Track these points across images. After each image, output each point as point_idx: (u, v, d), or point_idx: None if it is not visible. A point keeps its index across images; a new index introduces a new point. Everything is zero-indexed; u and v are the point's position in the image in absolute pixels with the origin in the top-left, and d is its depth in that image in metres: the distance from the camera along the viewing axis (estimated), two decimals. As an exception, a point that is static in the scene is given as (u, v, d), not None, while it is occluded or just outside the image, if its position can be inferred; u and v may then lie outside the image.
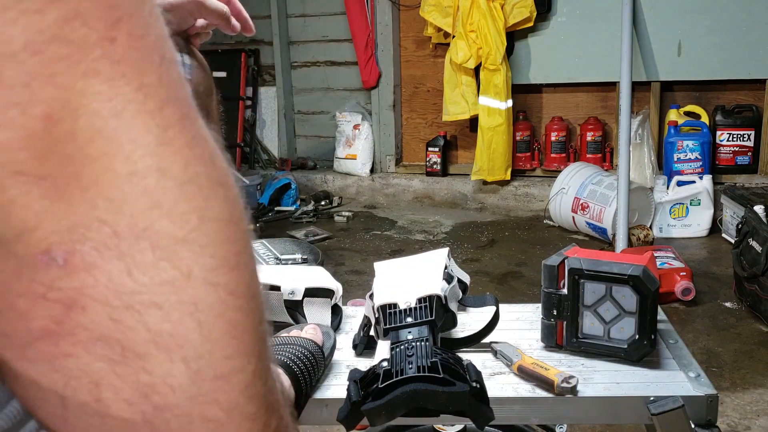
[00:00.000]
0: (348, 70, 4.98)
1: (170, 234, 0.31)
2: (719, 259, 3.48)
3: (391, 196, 4.82)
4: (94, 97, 0.30)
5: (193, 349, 0.32)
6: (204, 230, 0.32)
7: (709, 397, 1.01)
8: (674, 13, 4.03)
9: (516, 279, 3.38)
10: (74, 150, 0.29)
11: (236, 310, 0.33)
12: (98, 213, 0.30)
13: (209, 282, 0.32)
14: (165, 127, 0.31)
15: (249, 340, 0.34)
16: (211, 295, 0.32)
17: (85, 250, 0.30)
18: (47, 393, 0.32)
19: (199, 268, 0.32)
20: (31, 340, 0.31)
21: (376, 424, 0.86)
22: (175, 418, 0.32)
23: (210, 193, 0.33)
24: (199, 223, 0.32)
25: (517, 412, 1.05)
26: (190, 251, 0.32)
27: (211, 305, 0.32)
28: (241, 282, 0.34)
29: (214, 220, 0.33)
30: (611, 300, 1.10)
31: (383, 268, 1.20)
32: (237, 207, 0.35)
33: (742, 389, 2.28)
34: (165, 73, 0.32)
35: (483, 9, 4.12)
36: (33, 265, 0.30)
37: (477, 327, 1.17)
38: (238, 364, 0.34)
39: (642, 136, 4.05)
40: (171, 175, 0.32)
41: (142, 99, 0.31)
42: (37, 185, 0.29)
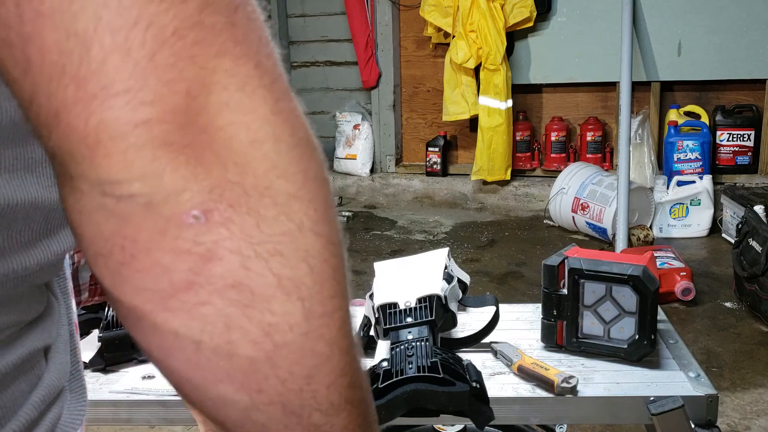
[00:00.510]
0: (348, 70, 4.98)
1: (285, 191, 0.36)
2: (719, 259, 3.48)
3: (391, 196, 4.82)
4: (223, 74, 0.34)
5: (307, 290, 0.37)
6: (309, 187, 0.37)
7: (709, 397, 1.01)
8: (674, 13, 4.03)
9: (516, 279, 3.38)
10: (207, 121, 0.34)
11: (335, 256, 0.39)
12: (230, 175, 0.34)
13: (315, 232, 0.37)
14: (276, 99, 0.36)
15: (344, 282, 0.39)
16: (318, 243, 0.37)
17: (222, 208, 0.34)
18: (183, 341, 0.35)
19: (308, 220, 0.37)
20: (173, 292, 0.35)
21: (376, 424, 0.86)
22: (291, 354, 0.37)
23: (310, 155, 0.38)
24: (305, 181, 0.37)
25: (517, 412, 1.05)
26: (301, 205, 0.36)
27: (318, 252, 0.37)
28: (335, 232, 0.39)
29: (314, 178, 0.37)
30: (611, 300, 1.10)
31: (383, 268, 1.20)
32: (325, 167, 0.39)
33: (742, 389, 2.28)
34: (271, 52, 0.37)
35: (483, 9, 4.12)
36: (179, 224, 0.34)
37: (477, 327, 1.17)
38: (338, 303, 0.38)
39: (642, 136, 4.05)
40: (283, 140, 0.36)
41: (260, 74, 0.35)
42: (181, 153, 0.33)
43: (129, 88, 0.32)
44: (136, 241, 0.34)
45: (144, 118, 0.32)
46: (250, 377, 0.37)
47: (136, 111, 0.32)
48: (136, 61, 0.32)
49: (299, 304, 0.36)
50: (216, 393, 0.37)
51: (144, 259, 0.34)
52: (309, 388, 0.38)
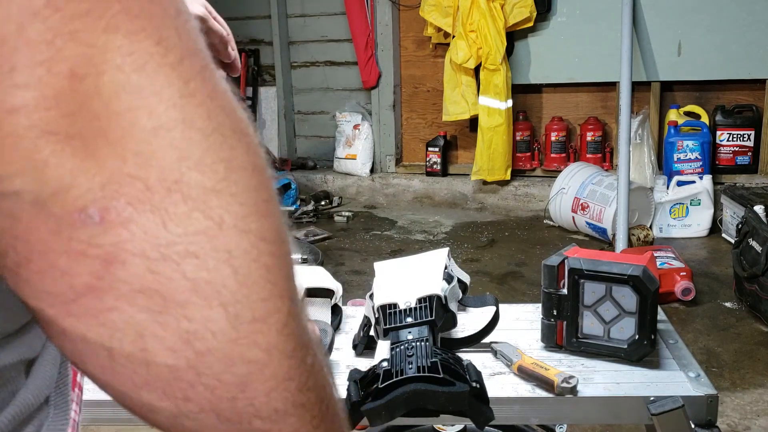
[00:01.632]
0: (348, 70, 4.98)
1: (200, 184, 0.32)
2: (719, 259, 3.48)
3: (391, 196, 4.82)
4: (115, 52, 0.30)
5: (231, 294, 0.33)
6: (232, 179, 0.33)
7: (709, 397, 1.01)
8: (674, 13, 4.03)
9: (516, 279, 3.38)
10: (100, 106, 0.30)
11: (269, 254, 0.35)
12: (128, 168, 0.31)
13: (241, 229, 0.33)
14: (186, 80, 0.32)
15: (282, 282, 0.36)
16: (244, 242, 0.33)
17: (119, 206, 0.31)
18: (94, 347, 0.33)
19: (231, 216, 0.33)
20: (75, 297, 0.32)
21: (376, 424, 0.86)
22: (218, 362, 0.34)
23: (234, 142, 0.34)
24: (226, 173, 0.33)
25: (517, 412, 1.05)
26: (221, 200, 0.33)
27: (245, 251, 0.33)
28: (271, 228, 0.35)
29: (240, 168, 0.34)
30: (611, 300, 1.10)
31: (383, 268, 1.20)
32: (260, 156, 0.35)
33: (742, 389, 2.28)
34: (182, 26, 0.33)
35: (483, 9, 4.12)
36: (71, 224, 0.30)
37: (477, 327, 1.17)
38: (273, 305, 0.35)
39: (642, 136, 4.05)
40: (196, 127, 0.32)
41: (163, 52, 0.31)
42: (68, 144, 0.30)
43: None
44: (29, 242, 0.31)
45: (17, 103, 0.29)
46: (172, 385, 0.34)
47: (5, 95, 0.28)
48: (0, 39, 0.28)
49: (221, 310, 0.33)
50: (140, 400, 0.35)
51: (40, 262, 0.31)
52: (244, 395, 0.35)
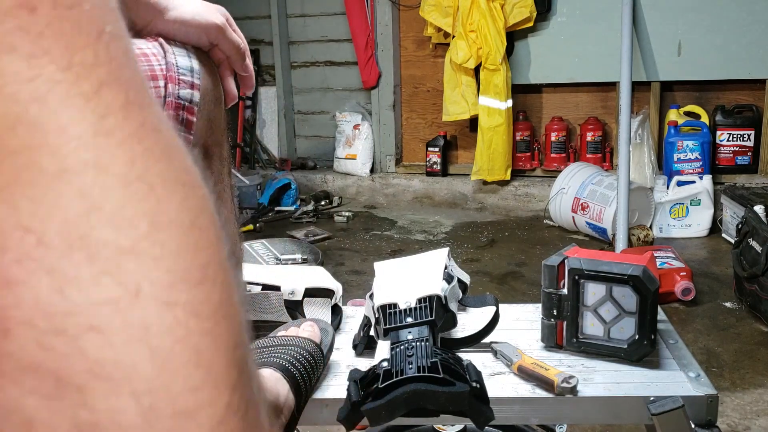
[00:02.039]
0: (348, 70, 4.98)
1: (113, 243, 0.26)
2: (719, 259, 3.48)
3: (391, 196, 4.82)
4: (9, 78, 0.25)
5: (145, 381, 0.26)
6: (156, 239, 0.27)
7: (709, 397, 1.01)
8: (674, 13, 4.03)
9: (516, 279, 3.38)
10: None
11: (201, 334, 0.28)
12: (19, 218, 0.25)
13: (163, 301, 0.27)
14: (103, 114, 0.26)
15: (220, 368, 0.28)
16: (166, 317, 0.27)
17: (3, 263, 0.25)
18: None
19: (150, 284, 0.27)
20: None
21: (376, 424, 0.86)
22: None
23: (164, 194, 0.28)
24: (149, 230, 0.27)
25: (517, 412, 1.05)
26: (139, 264, 0.26)
27: (167, 329, 0.27)
28: (207, 300, 0.28)
29: (170, 226, 0.28)
30: (611, 300, 1.10)
31: (383, 268, 1.20)
32: (203, 210, 0.29)
33: (742, 389, 2.28)
34: (103, 49, 0.27)
35: (483, 9, 4.12)
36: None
37: (477, 327, 1.17)
38: (205, 397, 0.28)
39: (642, 136, 4.05)
40: (112, 173, 0.26)
41: (73, 79, 0.26)
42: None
43: None
44: None
45: None
46: None
47: None
48: None
49: (130, 400, 0.26)
50: None
51: None
52: None
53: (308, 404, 1.04)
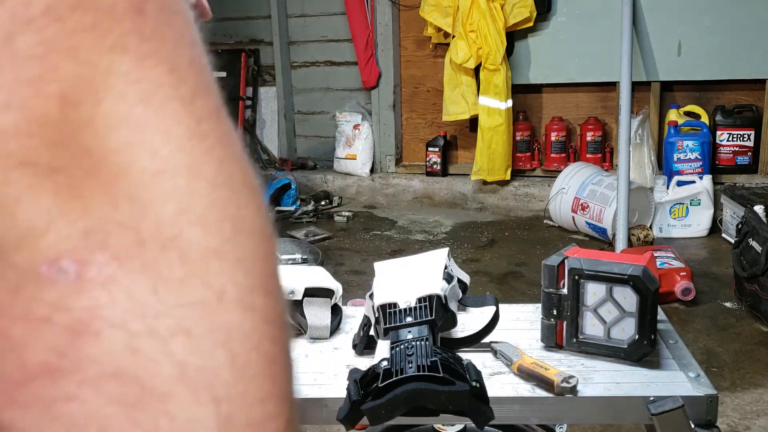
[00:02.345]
0: (348, 70, 4.98)
1: (202, 244, 0.26)
2: (719, 259, 3.48)
3: (391, 196, 4.82)
4: (120, 78, 0.25)
5: (225, 388, 0.26)
6: (239, 242, 0.27)
7: (709, 397, 1.01)
8: (674, 13, 4.03)
9: (516, 279, 3.38)
10: (94, 140, 0.25)
11: (272, 341, 0.27)
12: (120, 216, 0.25)
13: (245, 305, 0.27)
14: (198, 119, 0.27)
15: (284, 379, 0.28)
16: (246, 322, 0.26)
17: (102, 261, 0.24)
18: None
19: (234, 287, 0.26)
20: (24, 380, 0.24)
21: (376, 424, 0.86)
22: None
23: (244, 199, 0.28)
24: (233, 234, 0.27)
25: (517, 412, 1.05)
26: (224, 266, 0.26)
27: (246, 334, 0.26)
28: (275, 308, 0.28)
29: (249, 232, 0.28)
30: (611, 300, 1.10)
31: (383, 268, 1.20)
32: (268, 220, 0.29)
33: (742, 389, 2.28)
34: (197, 58, 0.28)
35: (483, 9, 4.12)
36: (36, 280, 0.24)
37: (477, 327, 1.17)
38: (273, 409, 0.27)
39: (642, 136, 4.05)
40: (204, 176, 0.26)
41: (175, 83, 0.26)
42: (49, 179, 0.24)
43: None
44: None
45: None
46: None
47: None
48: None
49: (212, 408, 0.25)
50: None
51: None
52: None
53: (308, 404, 1.04)
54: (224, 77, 5.18)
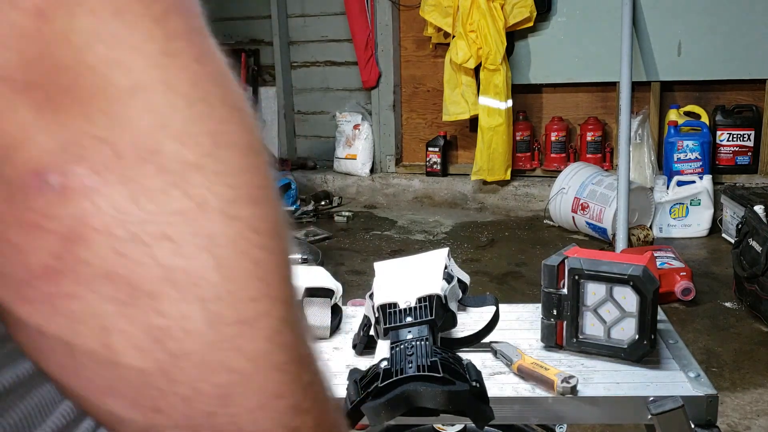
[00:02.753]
0: (348, 70, 4.98)
1: (180, 157, 0.28)
2: (719, 259, 3.48)
3: (391, 196, 4.82)
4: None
5: (211, 289, 0.29)
6: (219, 156, 0.29)
7: (709, 397, 1.01)
8: (674, 13, 4.03)
9: (516, 279, 3.38)
10: (69, 55, 0.26)
11: (260, 248, 0.30)
12: (96, 130, 0.26)
13: (227, 215, 0.29)
14: (171, 37, 0.28)
15: (275, 281, 0.31)
16: (230, 230, 0.29)
17: (82, 172, 0.26)
18: (53, 341, 0.28)
19: (215, 198, 0.29)
20: (30, 279, 0.27)
21: (375, 424, 0.86)
22: (194, 367, 0.29)
23: (225, 115, 0.29)
24: (213, 148, 0.29)
25: (517, 412, 1.05)
26: (204, 178, 0.28)
27: (230, 241, 0.29)
28: (264, 218, 0.30)
29: (230, 146, 0.29)
30: (611, 300, 1.10)
31: (383, 268, 1.20)
32: (254, 135, 0.31)
33: (742, 389, 2.28)
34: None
35: (483, 9, 4.12)
36: (24, 189, 0.26)
37: (477, 327, 1.17)
38: (263, 307, 0.30)
39: (642, 136, 4.05)
40: (179, 92, 0.28)
41: (147, 2, 0.27)
42: (26, 94, 0.25)
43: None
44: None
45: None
46: (141, 392, 0.29)
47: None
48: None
49: (199, 306, 0.28)
50: (105, 408, 0.30)
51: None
52: (226, 411, 0.30)
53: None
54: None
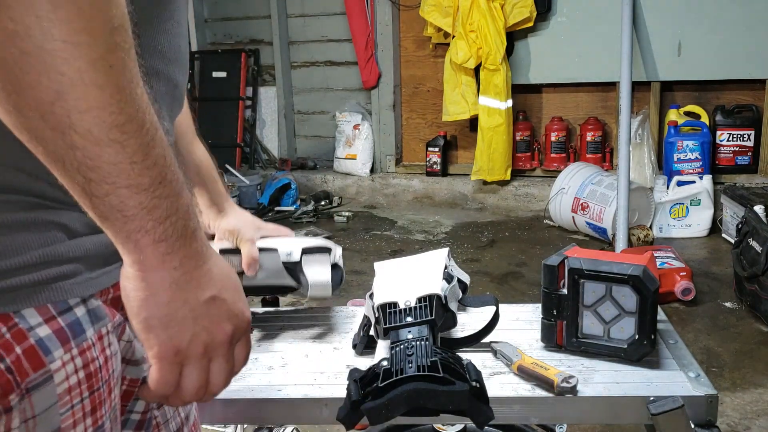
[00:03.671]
0: (348, 70, 4.98)
1: None
2: (719, 259, 3.48)
3: (391, 196, 4.82)
4: None
5: (44, 12, 0.44)
6: None
7: (709, 397, 1.01)
8: (674, 13, 4.03)
9: (516, 279, 3.38)
10: None
11: (86, 1, 0.45)
12: None
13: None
14: None
15: (98, 27, 0.46)
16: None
17: None
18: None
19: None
20: None
21: (375, 423, 0.86)
22: (36, 65, 0.45)
23: None
24: None
25: (516, 412, 1.05)
26: None
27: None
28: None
29: None
30: (611, 300, 1.10)
31: (383, 268, 1.20)
32: None
33: (742, 389, 2.28)
34: None
35: (483, 9, 4.12)
36: None
37: (477, 327, 1.17)
38: (84, 39, 0.46)
39: (642, 136, 4.05)
40: None
41: None
42: None
43: None
44: None
45: None
46: (3, 77, 0.45)
47: None
48: None
49: (35, 20, 0.44)
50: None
51: None
52: (60, 105, 0.46)
53: (308, 403, 1.04)
54: (224, 77, 5.19)
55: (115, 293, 0.63)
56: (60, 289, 0.58)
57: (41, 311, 0.57)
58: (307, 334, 1.25)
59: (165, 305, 0.56)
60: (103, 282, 0.63)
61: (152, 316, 0.56)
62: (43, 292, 0.57)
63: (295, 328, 1.28)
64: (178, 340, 0.58)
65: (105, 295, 0.65)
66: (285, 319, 1.32)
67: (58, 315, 0.58)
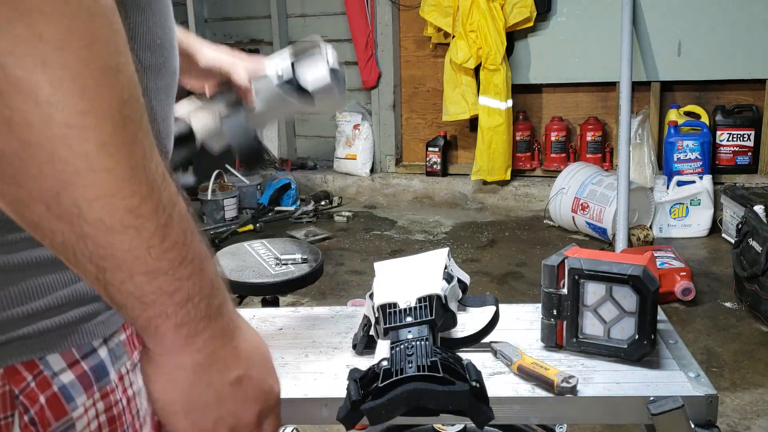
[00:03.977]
0: (348, 70, 4.97)
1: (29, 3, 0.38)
2: (719, 259, 3.48)
3: (391, 196, 4.82)
4: None
5: (44, 96, 0.40)
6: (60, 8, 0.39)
7: (709, 397, 1.01)
8: (674, 13, 4.03)
9: (516, 279, 3.38)
10: None
11: (89, 78, 0.41)
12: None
13: (59, 47, 0.40)
14: None
15: (104, 105, 0.42)
16: (60, 58, 0.40)
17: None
18: None
19: (51, 33, 0.39)
20: None
21: (375, 423, 0.86)
22: (37, 153, 0.41)
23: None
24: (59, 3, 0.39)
25: (517, 412, 1.04)
26: (42, 17, 0.39)
27: (60, 66, 0.40)
28: (95, 57, 0.41)
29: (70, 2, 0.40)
30: (611, 300, 1.10)
31: (383, 268, 1.20)
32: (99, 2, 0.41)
33: (742, 389, 2.28)
34: None
35: (483, 9, 4.12)
36: None
37: (477, 327, 1.17)
38: (90, 121, 0.41)
39: (642, 136, 4.05)
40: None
41: None
42: None
43: None
44: None
45: None
46: (4, 168, 0.41)
47: None
48: None
49: (34, 106, 0.40)
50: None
51: None
52: (67, 194, 0.42)
53: (308, 403, 1.04)
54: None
55: (133, 328, 0.60)
56: (85, 331, 0.55)
57: (65, 355, 0.54)
58: (307, 334, 1.25)
59: (187, 390, 0.52)
60: (120, 318, 0.59)
61: (173, 402, 0.53)
62: (71, 335, 0.54)
63: (295, 328, 1.28)
64: (201, 426, 0.54)
65: (124, 331, 0.61)
66: (285, 319, 1.32)
67: (81, 359, 0.55)
